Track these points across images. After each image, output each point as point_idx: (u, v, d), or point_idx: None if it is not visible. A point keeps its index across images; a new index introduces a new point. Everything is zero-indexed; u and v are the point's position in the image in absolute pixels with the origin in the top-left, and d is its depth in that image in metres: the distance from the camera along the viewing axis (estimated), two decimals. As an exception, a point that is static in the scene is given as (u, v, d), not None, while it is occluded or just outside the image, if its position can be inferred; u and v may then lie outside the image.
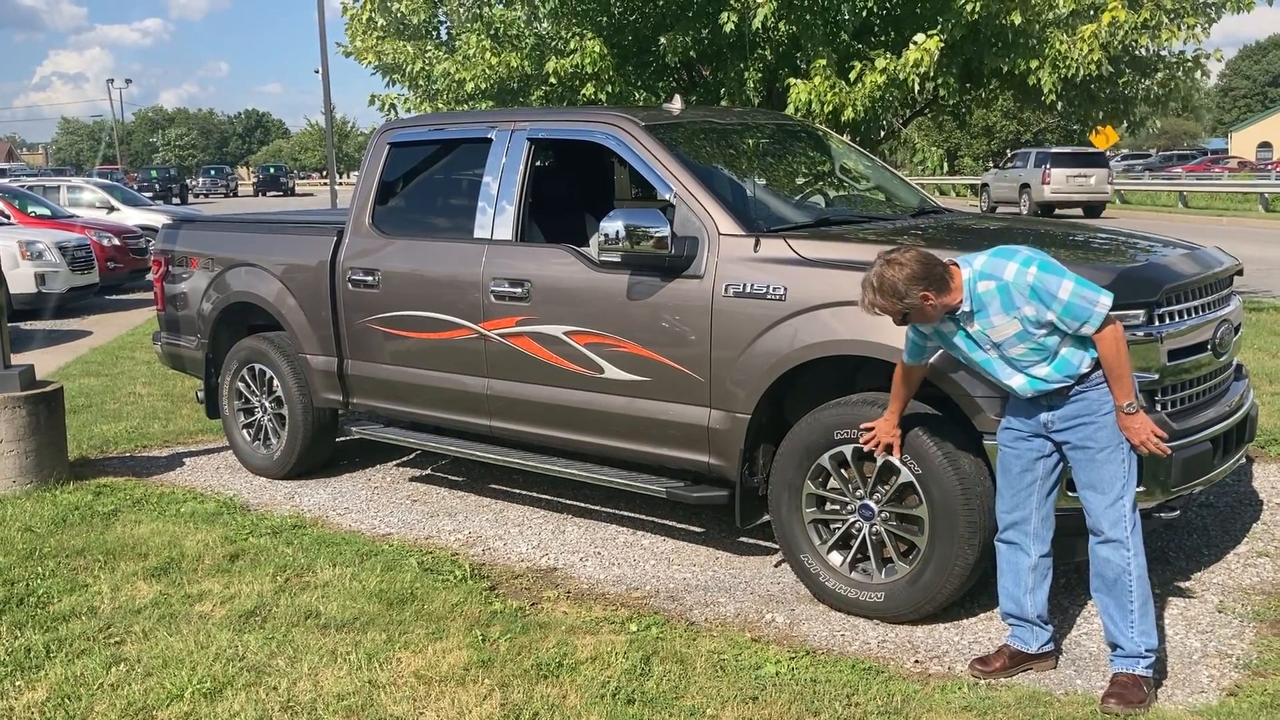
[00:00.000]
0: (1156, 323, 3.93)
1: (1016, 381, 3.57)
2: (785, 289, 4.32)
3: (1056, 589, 4.48)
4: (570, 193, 6.31)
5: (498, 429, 5.41)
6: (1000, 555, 3.84)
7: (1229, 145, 70.28)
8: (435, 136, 5.98)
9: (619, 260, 4.68)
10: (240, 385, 6.54)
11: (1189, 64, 10.08)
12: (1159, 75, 10.07)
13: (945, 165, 52.42)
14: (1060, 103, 9.69)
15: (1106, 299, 3.41)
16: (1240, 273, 4.67)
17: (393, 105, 11.13)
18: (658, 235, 4.50)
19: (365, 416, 6.47)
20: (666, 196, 4.71)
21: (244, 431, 6.58)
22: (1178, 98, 10.66)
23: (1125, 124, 10.94)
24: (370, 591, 4.53)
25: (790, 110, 8.83)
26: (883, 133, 10.99)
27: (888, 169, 6.36)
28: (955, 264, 3.51)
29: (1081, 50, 8.63)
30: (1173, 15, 9.06)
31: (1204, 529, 5.13)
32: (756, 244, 4.48)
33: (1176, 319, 4.03)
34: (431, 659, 3.91)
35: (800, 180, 5.90)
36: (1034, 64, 8.88)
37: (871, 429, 4.01)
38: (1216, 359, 4.26)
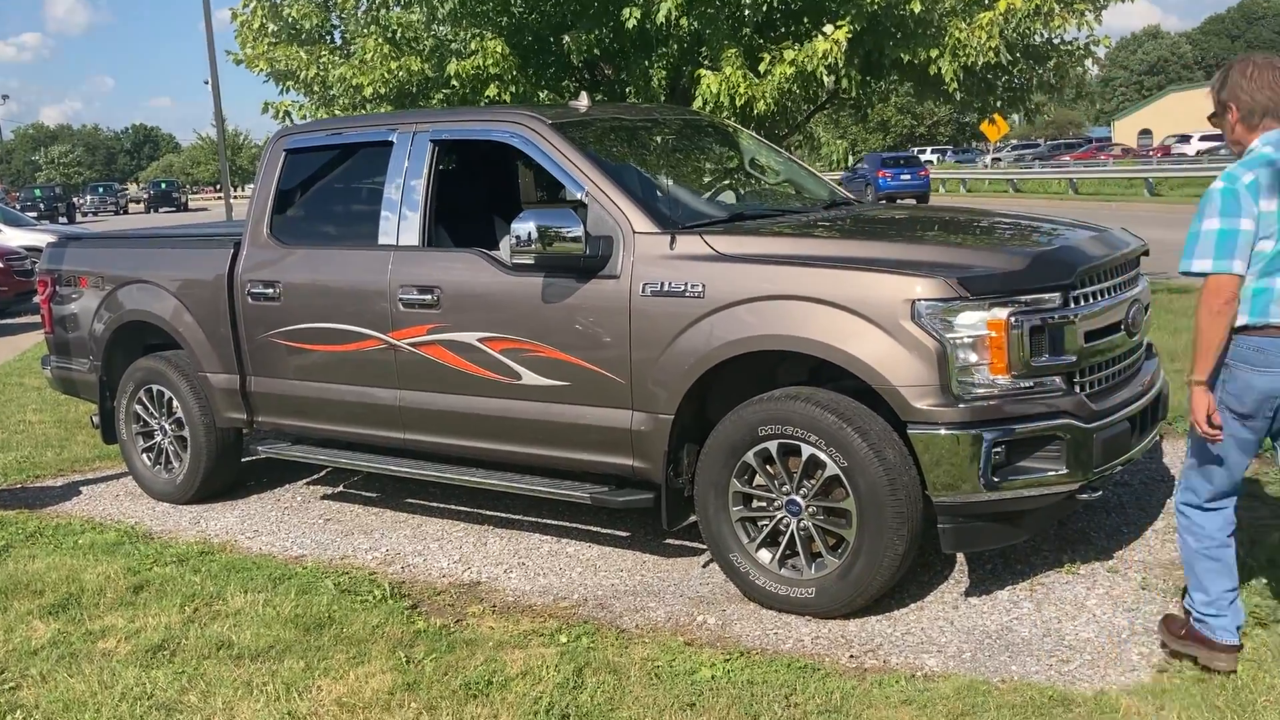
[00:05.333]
0: (1072, 304, 3.95)
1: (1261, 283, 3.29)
2: (703, 286, 4.25)
3: (983, 574, 4.51)
4: (477, 196, 6.16)
5: (412, 441, 5.24)
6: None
7: (1112, 133, 72.64)
8: (334, 141, 5.78)
9: (532, 263, 4.56)
10: (138, 408, 6.25)
11: (1080, 51, 10.33)
12: (1051, 63, 10.31)
13: (849, 159, 53.25)
14: (960, 92, 9.83)
15: (1205, 263, 3.20)
16: (1147, 253, 4.74)
17: (287, 112, 10.79)
18: (571, 235, 4.39)
19: (272, 434, 6.23)
20: (578, 195, 4.60)
21: (144, 456, 6.29)
22: (1070, 85, 10.95)
23: (1022, 111, 11.17)
24: (285, 617, 4.33)
25: (699, 103, 8.78)
26: (788, 127, 11.03)
27: (796, 162, 6.34)
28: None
29: (980, 38, 8.76)
30: (1064, 3, 9.26)
31: (1122, 508, 5.20)
32: (672, 241, 4.40)
33: (1091, 300, 4.05)
34: (353, 685, 3.74)
35: (712, 175, 5.84)
36: (934, 53, 8.98)
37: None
38: (1129, 339, 4.31)
